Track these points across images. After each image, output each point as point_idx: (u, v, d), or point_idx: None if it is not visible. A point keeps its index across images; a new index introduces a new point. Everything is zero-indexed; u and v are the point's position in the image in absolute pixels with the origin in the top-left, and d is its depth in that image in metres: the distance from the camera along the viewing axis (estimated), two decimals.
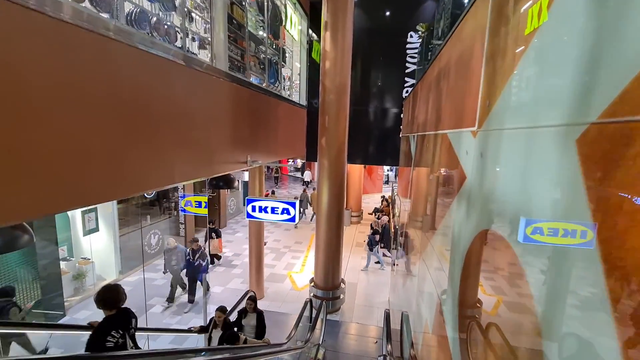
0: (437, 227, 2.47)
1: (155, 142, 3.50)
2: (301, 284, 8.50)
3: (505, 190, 1.22)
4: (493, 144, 1.33)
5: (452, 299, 1.81)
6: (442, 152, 2.34)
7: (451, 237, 1.93)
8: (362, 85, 9.81)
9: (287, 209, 5.84)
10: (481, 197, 1.41)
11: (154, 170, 3.51)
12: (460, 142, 1.83)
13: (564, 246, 0.93)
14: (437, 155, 2.53)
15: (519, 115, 1.13)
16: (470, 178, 1.56)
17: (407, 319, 4.61)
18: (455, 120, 1.98)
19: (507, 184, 1.21)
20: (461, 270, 1.67)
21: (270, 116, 7.41)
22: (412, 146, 4.49)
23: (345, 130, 6.66)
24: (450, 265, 1.92)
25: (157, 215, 10.11)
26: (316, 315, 5.40)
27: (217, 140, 4.96)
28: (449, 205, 2.03)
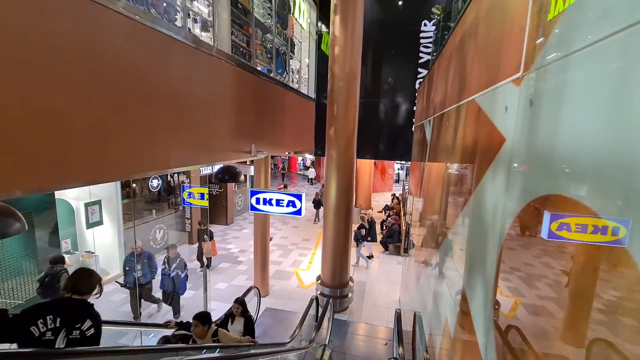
0: (460, 214, 2.12)
1: (147, 122, 3.25)
2: (308, 282, 8.20)
3: (577, 141, 0.88)
4: (552, 82, 1.00)
5: (483, 298, 1.47)
6: (468, 122, 2.00)
7: (482, 220, 1.59)
8: (373, 77, 9.46)
9: (293, 201, 5.54)
10: (532, 157, 1.08)
11: (146, 152, 3.26)
12: (494, 101, 1.50)
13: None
14: (461, 129, 2.19)
15: (604, 20, 0.79)
16: (513, 138, 1.23)
17: (420, 320, 4.26)
18: (487, 78, 1.64)
19: (581, 129, 0.87)
20: (498, 257, 1.34)
21: (276, 106, 7.14)
22: (428, 132, 4.14)
23: (355, 120, 6.33)
24: (480, 255, 1.58)
25: (163, 209, 9.95)
26: (322, 314, 5.09)
27: (219, 126, 4.70)
28: (478, 183, 1.69)
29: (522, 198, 1.11)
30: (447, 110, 2.75)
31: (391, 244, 10.36)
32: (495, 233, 1.35)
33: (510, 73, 1.32)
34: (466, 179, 2.01)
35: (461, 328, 1.88)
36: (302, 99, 9.09)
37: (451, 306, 2.15)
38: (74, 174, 2.55)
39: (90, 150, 2.63)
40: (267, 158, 7.03)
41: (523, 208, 1.10)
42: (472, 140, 1.90)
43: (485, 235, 1.53)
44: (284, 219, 14.06)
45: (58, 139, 2.39)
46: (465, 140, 2.07)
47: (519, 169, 1.15)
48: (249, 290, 5.68)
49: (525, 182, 1.10)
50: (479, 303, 1.58)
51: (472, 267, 1.73)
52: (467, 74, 2.13)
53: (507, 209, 1.27)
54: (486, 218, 1.54)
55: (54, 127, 2.35)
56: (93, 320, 2.28)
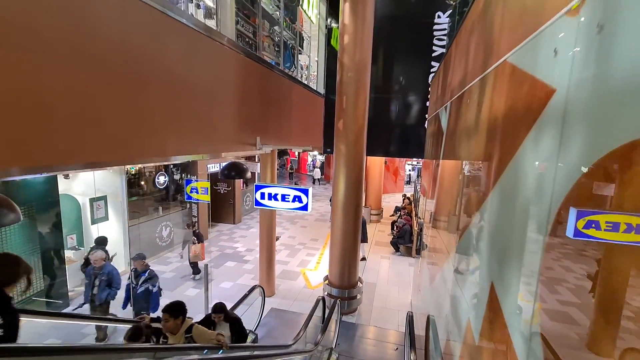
0: (486, 202, 1.82)
1: (143, 106, 3.04)
2: (315, 282, 7.93)
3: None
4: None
5: (521, 301, 1.18)
6: (497, 90, 1.70)
7: (520, 202, 1.29)
8: (384, 72, 9.15)
9: (299, 196, 5.28)
10: (606, 96, 0.79)
11: (142, 138, 3.05)
12: (536, 49, 1.21)
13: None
14: (487, 101, 1.89)
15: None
16: (568, 84, 0.93)
17: (434, 324, 3.93)
18: (524, 29, 1.35)
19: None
20: (543, 248, 1.04)
21: (283, 99, 6.91)
22: (444, 120, 3.82)
23: (365, 113, 6.04)
24: (517, 246, 1.29)
25: (170, 206, 9.83)
26: (328, 315, 4.80)
27: (222, 115, 4.49)
28: (512, 157, 1.39)
29: (590, 154, 0.82)
30: (467, 87, 2.45)
31: (402, 244, 9.99)
32: (542, 211, 1.05)
33: (559, 7, 1.02)
34: (493, 158, 1.71)
35: (489, 335, 1.58)
36: (310, 94, 8.86)
37: (475, 310, 1.84)
38: (64, 155, 2.35)
39: (81, 131, 2.43)
40: (273, 153, 6.80)
41: (592, 168, 0.81)
42: (503, 109, 1.60)
43: (524, 220, 1.24)
44: (292, 219, 13.84)
45: (46, 117, 2.20)
46: (493, 112, 1.77)
47: (582, 119, 0.86)
48: (252, 289, 5.44)
49: (595, 133, 0.81)
50: (515, 307, 1.28)
51: (505, 263, 1.43)
52: (495, 38, 1.84)
53: (560, 178, 0.97)
54: (525, 197, 1.24)
55: (42, 105, 2.16)
56: (5, 318, 1.83)
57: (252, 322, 5.87)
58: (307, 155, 30.32)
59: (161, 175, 9.12)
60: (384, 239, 11.46)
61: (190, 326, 3.13)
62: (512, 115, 1.45)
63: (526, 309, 1.21)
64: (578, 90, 0.87)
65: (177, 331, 3.03)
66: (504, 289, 1.41)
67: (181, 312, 3.13)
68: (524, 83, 1.29)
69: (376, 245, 10.79)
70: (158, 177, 9.04)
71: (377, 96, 9.20)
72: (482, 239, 1.83)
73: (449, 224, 3.16)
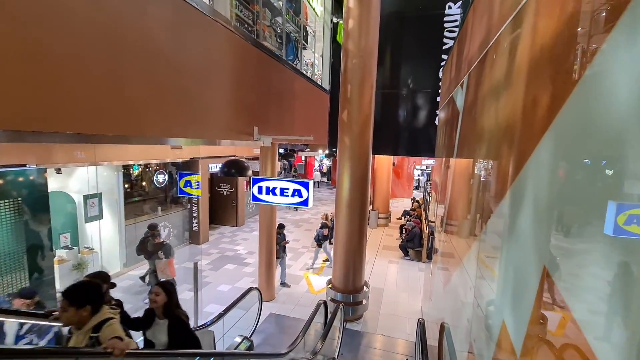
0: (521, 178, 1.38)
1: (117, 75, 2.68)
2: (318, 287, 7.45)
3: None
4: None
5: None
6: (540, 19, 1.27)
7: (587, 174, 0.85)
8: (392, 66, 8.75)
9: (299, 190, 4.87)
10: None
11: (114, 110, 2.68)
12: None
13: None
14: (525, 38, 1.46)
15: None
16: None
17: (449, 333, 3.43)
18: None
19: None
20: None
21: (285, 90, 6.54)
22: (460, 98, 3.38)
23: (371, 103, 5.63)
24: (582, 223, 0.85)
25: (169, 206, 9.51)
26: (330, 321, 4.32)
27: (215, 98, 4.12)
28: (559, 109, 0.96)
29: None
30: (493, 41, 2.01)
31: (411, 248, 9.45)
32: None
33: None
34: (535, 117, 1.27)
35: (541, 344, 1.12)
36: (315, 88, 8.50)
37: (517, 315, 1.38)
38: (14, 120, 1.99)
39: (29, 91, 2.07)
40: (274, 147, 6.41)
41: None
42: (549, 40, 1.16)
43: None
44: (296, 222, 13.41)
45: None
46: (535, 49, 1.34)
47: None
48: (247, 292, 5.00)
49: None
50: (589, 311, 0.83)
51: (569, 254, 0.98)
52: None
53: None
54: (589, 171, 0.80)
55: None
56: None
57: (248, 327, 5.42)
58: (314, 160, 29.97)
59: (160, 173, 8.81)
60: (392, 242, 10.92)
61: (103, 321, 2.15)
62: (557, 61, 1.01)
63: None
64: None
65: (82, 325, 2.12)
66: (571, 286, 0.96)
67: (87, 300, 2.13)
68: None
69: (384, 249, 10.26)
70: (157, 176, 8.74)
71: (385, 92, 8.80)
72: (522, 226, 1.37)
73: (470, 216, 2.69)
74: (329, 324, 4.26)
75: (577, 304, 0.95)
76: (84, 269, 7.10)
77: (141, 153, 7.79)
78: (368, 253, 9.83)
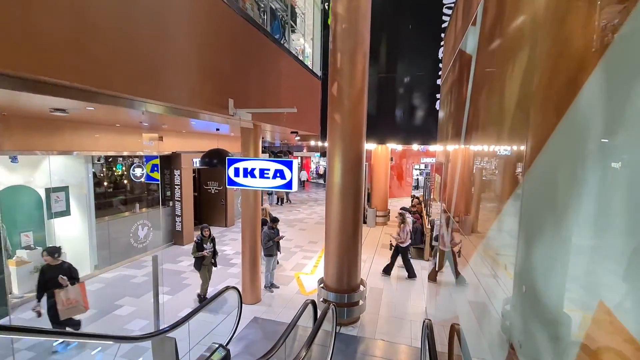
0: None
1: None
2: (310, 288, 6.71)
3: None
4: None
5: None
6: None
7: None
8: (389, 48, 8.14)
9: (281, 171, 4.17)
10: None
11: (13, 40, 2.01)
12: None
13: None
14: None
15: None
16: None
17: (464, 336, 2.73)
18: None
19: None
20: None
21: (269, 66, 5.88)
22: (471, 39, 2.71)
23: (365, 74, 4.97)
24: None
25: (149, 203, 8.78)
26: (318, 324, 3.59)
27: (172, 54, 3.45)
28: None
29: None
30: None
31: (412, 245, 8.71)
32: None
33: None
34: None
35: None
36: (305, 72, 7.85)
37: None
38: None
39: None
40: (257, 131, 5.72)
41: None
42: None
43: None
44: (290, 222, 12.68)
45: None
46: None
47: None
48: (222, 292, 4.27)
49: None
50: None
51: None
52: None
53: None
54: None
55: None
56: None
57: (227, 333, 4.67)
58: (311, 161, 29.30)
59: (138, 167, 8.10)
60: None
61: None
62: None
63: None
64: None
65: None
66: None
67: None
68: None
69: (382, 248, 9.53)
70: (134, 170, 8.02)
71: (382, 76, 8.18)
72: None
73: (482, 218, 2.00)
74: (317, 326, 3.53)
75: None
76: None
77: (113, 143, 7.09)
78: (366, 252, 9.10)
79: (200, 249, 5.87)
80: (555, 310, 1.07)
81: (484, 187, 2.22)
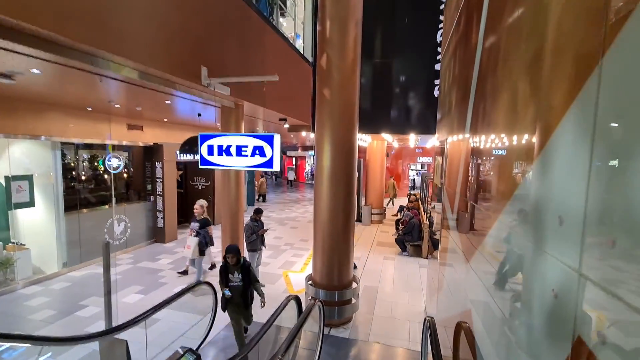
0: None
1: None
2: (300, 286, 6.14)
3: None
4: None
5: None
6: None
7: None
8: (383, 33, 7.68)
9: (261, 147, 3.63)
10: None
11: None
12: None
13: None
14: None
15: None
16: None
17: (480, 335, 2.21)
18: None
19: None
20: None
21: (255, 41, 5.35)
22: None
23: (357, 44, 4.47)
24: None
25: (128, 197, 8.18)
26: (300, 321, 3.04)
27: (129, 4, 2.92)
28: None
29: None
30: None
31: (410, 242, 8.19)
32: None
33: None
34: None
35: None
36: (294, 55, 7.34)
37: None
38: None
39: None
40: (238, 111, 5.18)
41: None
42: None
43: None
44: (281, 220, 12.11)
45: None
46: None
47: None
48: (191, 287, 3.69)
49: None
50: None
51: None
52: None
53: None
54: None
55: None
56: None
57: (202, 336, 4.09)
58: (305, 162, 28.77)
59: (114, 157, 7.50)
60: (387, 239, 9.66)
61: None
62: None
63: None
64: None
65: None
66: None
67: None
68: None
69: (378, 246, 8.99)
70: (110, 160, 7.43)
71: (376, 61, 7.70)
72: None
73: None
74: (299, 324, 2.97)
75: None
76: (7, 267, 5.71)
77: (86, 130, 6.52)
78: (360, 250, 8.56)
79: (224, 281, 3.84)
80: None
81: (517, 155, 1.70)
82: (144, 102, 5.35)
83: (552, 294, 1.08)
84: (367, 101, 7.75)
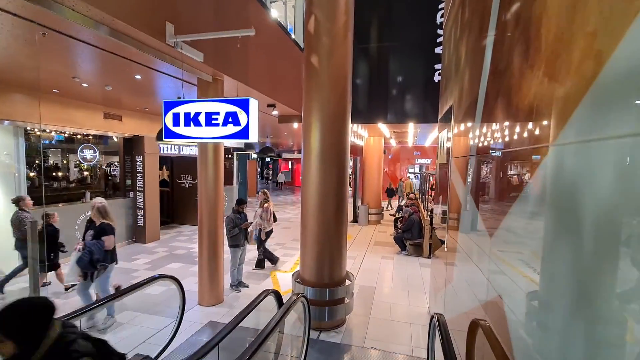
0: None
1: None
2: (287, 287, 5.51)
3: None
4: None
5: None
6: None
7: None
8: (379, 13, 7.20)
9: (234, 113, 3.07)
10: None
11: None
12: None
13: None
14: None
15: None
16: None
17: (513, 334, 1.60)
18: None
19: None
20: None
21: (234, 8, 4.85)
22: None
23: (349, 6, 3.95)
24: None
25: (105, 193, 7.56)
26: (278, 314, 2.44)
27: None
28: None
29: None
30: None
31: (409, 240, 7.59)
32: None
33: None
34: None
35: None
36: (282, 33, 6.82)
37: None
38: None
39: None
40: (217, 85, 4.62)
41: None
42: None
43: None
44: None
45: None
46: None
47: None
48: (150, 280, 3.08)
49: None
50: None
51: None
52: None
53: None
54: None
55: None
56: None
57: (174, 343, 3.45)
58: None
59: (87, 148, 6.91)
60: (385, 239, 9.07)
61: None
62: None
63: None
64: None
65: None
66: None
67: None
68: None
69: (376, 245, 8.38)
70: (82, 151, 6.84)
71: (371, 46, 7.21)
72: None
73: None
74: (276, 320, 2.37)
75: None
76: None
77: (57, 117, 5.94)
78: (356, 249, 7.95)
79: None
80: None
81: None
82: (110, 77, 4.79)
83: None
84: (362, 90, 7.26)
